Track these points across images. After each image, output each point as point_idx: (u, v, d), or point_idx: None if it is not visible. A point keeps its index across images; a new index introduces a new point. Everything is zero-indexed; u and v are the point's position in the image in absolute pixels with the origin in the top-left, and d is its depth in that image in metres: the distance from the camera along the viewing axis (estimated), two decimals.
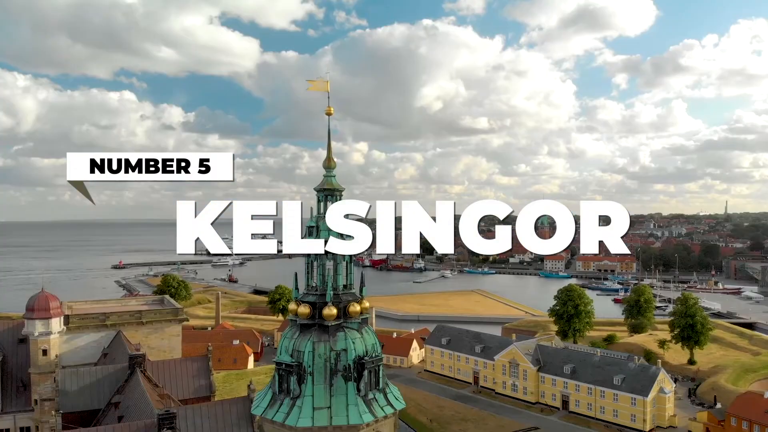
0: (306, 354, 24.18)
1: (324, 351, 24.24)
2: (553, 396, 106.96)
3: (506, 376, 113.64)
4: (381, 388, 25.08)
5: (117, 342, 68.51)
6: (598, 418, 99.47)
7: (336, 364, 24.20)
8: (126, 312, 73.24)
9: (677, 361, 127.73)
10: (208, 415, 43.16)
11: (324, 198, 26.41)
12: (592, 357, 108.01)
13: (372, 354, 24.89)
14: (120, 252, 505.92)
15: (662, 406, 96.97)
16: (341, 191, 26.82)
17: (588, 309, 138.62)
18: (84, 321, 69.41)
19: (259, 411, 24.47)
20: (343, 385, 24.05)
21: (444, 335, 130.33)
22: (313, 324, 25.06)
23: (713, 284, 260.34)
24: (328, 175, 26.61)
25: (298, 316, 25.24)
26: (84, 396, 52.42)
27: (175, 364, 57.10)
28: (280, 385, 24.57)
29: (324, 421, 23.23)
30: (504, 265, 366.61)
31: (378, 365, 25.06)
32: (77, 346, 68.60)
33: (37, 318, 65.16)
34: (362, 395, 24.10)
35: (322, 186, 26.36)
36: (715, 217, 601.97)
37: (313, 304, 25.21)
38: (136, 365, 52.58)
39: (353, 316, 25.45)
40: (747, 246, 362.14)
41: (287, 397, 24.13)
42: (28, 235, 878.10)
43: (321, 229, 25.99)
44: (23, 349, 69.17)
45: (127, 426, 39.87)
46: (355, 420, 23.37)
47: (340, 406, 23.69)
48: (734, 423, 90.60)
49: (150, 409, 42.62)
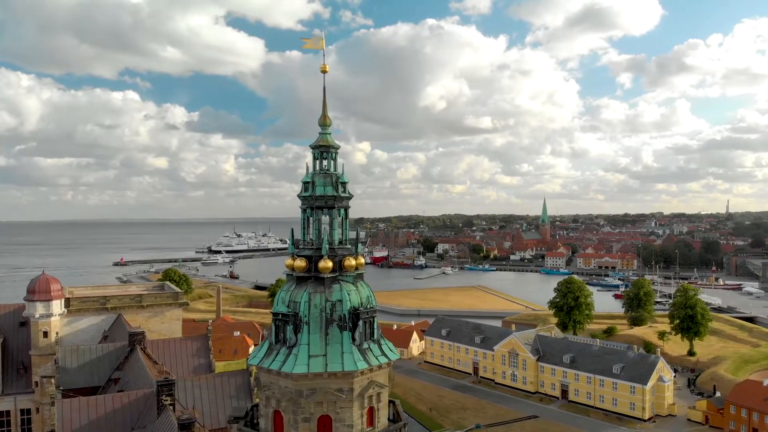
0: (302, 304, 24.50)
1: (320, 301, 24.56)
2: (552, 385, 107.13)
3: (506, 366, 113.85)
4: (376, 339, 25.41)
5: (117, 325, 68.78)
6: (598, 407, 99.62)
7: (331, 314, 24.51)
8: (126, 296, 73.58)
9: (677, 353, 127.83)
10: (207, 387, 43.52)
11: (319, 155, 26.79)
12: (592, 347, 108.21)
13: (367, 305, 25.22)
14: (121, 250, 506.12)
15: (661, 394, 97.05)
16: (337, 148, 27.20)
17: (588, 301, 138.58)
18: (84, 304, 69.72)
19: (256, 361, 24.78)
20: (338, 335, 24.36)
21: (444, 326, 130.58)
22: (309, 277, 25.40)
23: (714, 280, 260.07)
24: (323, 132, 26.98)
25: (294, 270, 25.57)
26: (84, 373, 52.69)
27: (174, 344, 57.40)
28: (277, 336, 24.91)
29: (319, 368, 23.53)
30: (505, 262, 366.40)
31: (372, 317, 25.39)
32: (78, 329, 68.91)
33: (38, 300, 65.41)
34: (357, 344, 24.41)
35: (318, 143, 26.74)
36: (717, 216, 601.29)
37: (309, 257, 25.56)
38: (136, 342, 52.86)
39: (348, 269, 25.76)
40: (748, 243, 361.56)
41: (283, 347, 24.44)
42: (30, 234, 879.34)
43: (317, 185, 26.41)
44: (24, 332, 69.49)
45: (126, 395, 40.20)
46: (350, 367, 23.68)
47: (336, 354, 24.00)
48: (733, 411, 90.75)
49: (150, 381, 42.88)
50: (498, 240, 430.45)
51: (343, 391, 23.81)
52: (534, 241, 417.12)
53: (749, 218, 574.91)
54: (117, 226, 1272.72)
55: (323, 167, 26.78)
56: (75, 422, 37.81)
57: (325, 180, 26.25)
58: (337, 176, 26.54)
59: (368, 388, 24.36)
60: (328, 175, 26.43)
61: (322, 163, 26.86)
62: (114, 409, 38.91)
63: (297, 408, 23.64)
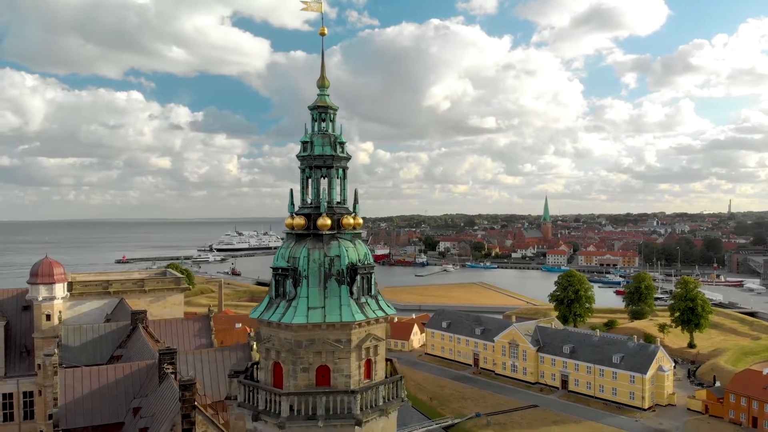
0: (301, 259, 24.97)
1: (318, 256, 25.02)
2: (552, 376, 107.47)
3: (506, 357, 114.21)
4: (373, 295, 25.87)
5: (120, 309, 69.31)
6: (597, 397, 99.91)
7: (330, 268, 24.96)
8: (128, 280, 74.13)
9: (677, 345, 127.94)
10: (208, 360, 44.00)
11: (318, 116, 27.20)
12: (592, 337, 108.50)
13: (364, 261, 25.67)
14: (123, 248, 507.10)
15: (661, 384, 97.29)
16: (335, 109, 27.62)
17: (588, 294, 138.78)
18: (87, 288, 70.22)
19: (256, 314, 25.25)
20: (337, 288, 24.80)
21: (444, 319, 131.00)
22: (308, 234, 25.86)
23: (715, 277, 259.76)
24: (321, 93, 27.40)
25: (294, 228, 26.05)
26: (87, 351, 53.24)
27: (176, 323, 57.93)
28: (276, 290, 25.38)
29: (318, 319, 23.99)
30: (506, 260, 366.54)
31: (370, 273, 25.84)
32: (80, 313, 69.36)
33: (41, 283, 65.86)
34: (355, 298, 24.88)
35: (316, 104, 27.15)
36: (719, 216, 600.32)
37: (308, 215, 26.01)
38: (138, 321, 53.39)
39: (346, 227, 26.20)
40: (750, 242, 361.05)
41: (283, 300, 24.92)
42: (32, 233, 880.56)
43: (315, 144, 26.87)
44: (27, 316, 69.95)
45: (128, 365, 40.71)
46: (348, 318, 24.14)
47: (334, 307, 24.45)
48: (733, 399, 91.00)
49: (151, 354, 43.40)
50: (499, 238, 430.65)
51: (341, 342, 24.27)
52: (535, 239, 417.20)
53: (751, 218, 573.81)
54: (119, 226, 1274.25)
55: (321, 128, 27.22)
56: (77, 391, 38.32)
57: (324, 140, 26.68)
58: (336, 136, 26.96)
59: (366, 340, 24.81)
60: (326, 135, 26.84)
61: (321, 124, 27.29)
62: (116, 379, 39.41)
63: (296, 358, 24.11)
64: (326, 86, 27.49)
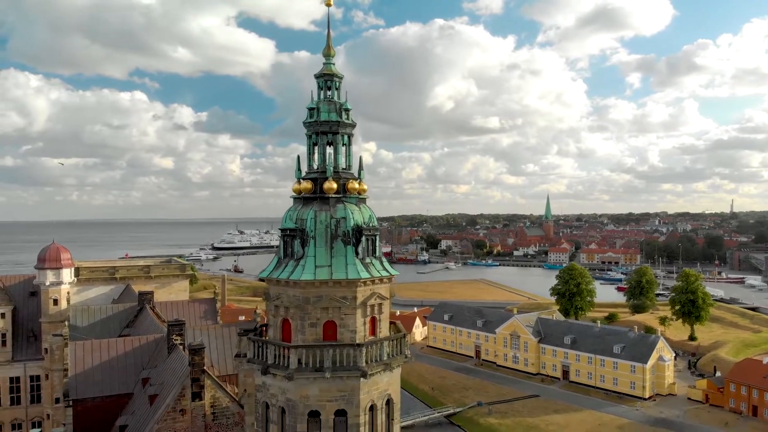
0: (308, 220, 25.84)
1: (325, 218, 25.89)
2: (553, 366, 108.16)
3: (507, 349, 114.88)
4: (378, 257, 26.75)
5: (126, 294, 70.23)
6: (598, 387, 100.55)
7: (336, 229, 25.84)
8: (134, 266, 75.06)
9: (678, 338, 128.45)
10: (215, 336, 44.86)
11: (324, 84, 28.07)
12: (592, 328, 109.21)
13: (369, 224, 26.55)
14: (126, 247, 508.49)
15: (661, 374, 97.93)
16: (340, 78, 28.49)
17: (589, 288, 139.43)
18: (94, 273, 71.17)
19: (266, 274, 26.10)
20: (343, 248, 25.67)
21: (446, 311, 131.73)
22: (315, 198, 26.74)
23: (716, 274, 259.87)
24: (327, 62, 28.28)
25: (301, 192, 26.91)
26: (95, 331, 54.09)
27: (182, 305, 58.86)
28: (285, 251, 26.26)
29: (325, 276, 24.86)
30: (508, 258, 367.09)
31: (375, 235, 26.71)
32: (87, 298, 70.34)
33: (48, 268, 66.62)
34: (360, 258, 25.74)
35: (322, 72, 28.03)
36: (721, 215, 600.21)
37: (315, 180, 26.90)
38: (146, 302, 54.27)
39: (352, 192, 27.08)
40: (752, 240, 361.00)
41: (291, 260, 25.79)
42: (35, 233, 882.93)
43: (321, 111, 27.72)
44: (34, 302, 70.82)
45: (138, 339, 41.58)
46: (353, 275, 25.02)
47: (340, 265, 25.33)
48: (733, 389, 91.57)
49: (160, 330, 44.25)
50: (501, 237, 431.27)
51: (347, 298, 25.11)
52: (537, 237, 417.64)
53: (754, 217, 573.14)
54: (121, 226, 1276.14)
55: (327, 96, 28.08)
56: (87, 363, 39.18)
57: (330, 106, 27.53)
58: (341, 103, 27.80)
59: (370, 298, 25.65)
60: (332, 102, 27.71)
61: (327, 92, 28.15)
62: (125, 352, 40.28)
63: (304, 314, 24.95)
64: (332, 55, 28.36)
